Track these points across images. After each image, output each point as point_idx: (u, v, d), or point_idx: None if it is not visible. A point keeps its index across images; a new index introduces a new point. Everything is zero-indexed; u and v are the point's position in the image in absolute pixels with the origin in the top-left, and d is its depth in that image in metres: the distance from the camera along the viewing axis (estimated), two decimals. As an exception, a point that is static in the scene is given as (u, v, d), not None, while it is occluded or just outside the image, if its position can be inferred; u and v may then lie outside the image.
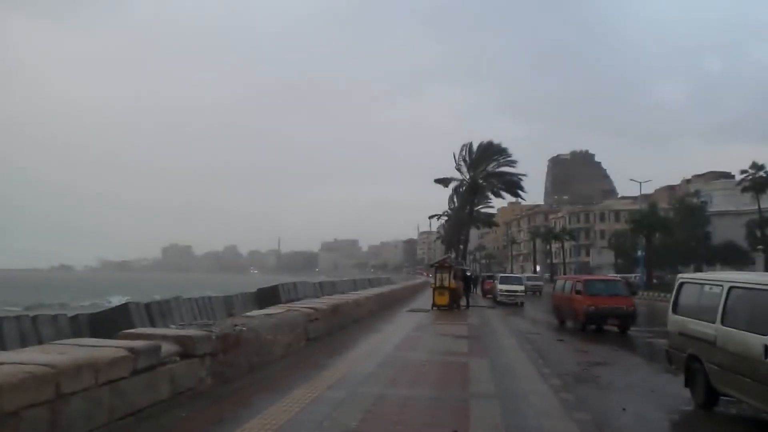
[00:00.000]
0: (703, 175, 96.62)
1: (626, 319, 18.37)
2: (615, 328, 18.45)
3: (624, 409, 8.11)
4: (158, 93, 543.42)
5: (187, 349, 6.58)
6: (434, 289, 24.14)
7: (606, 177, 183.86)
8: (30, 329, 11.44)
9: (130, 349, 5.48)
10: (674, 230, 59.88)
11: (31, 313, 14.18)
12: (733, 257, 60.14)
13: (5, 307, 38.11)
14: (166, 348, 6.22)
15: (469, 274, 35.47)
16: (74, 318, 13.36)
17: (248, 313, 11.12)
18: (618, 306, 18.47)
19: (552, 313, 22.66)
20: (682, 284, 9.35)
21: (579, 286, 19.60)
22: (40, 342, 9.96)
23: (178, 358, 6.39)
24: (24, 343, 10.22)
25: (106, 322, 13.39)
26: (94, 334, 11.61)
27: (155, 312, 15.42)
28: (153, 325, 14.15)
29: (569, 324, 20.04)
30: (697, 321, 8.27)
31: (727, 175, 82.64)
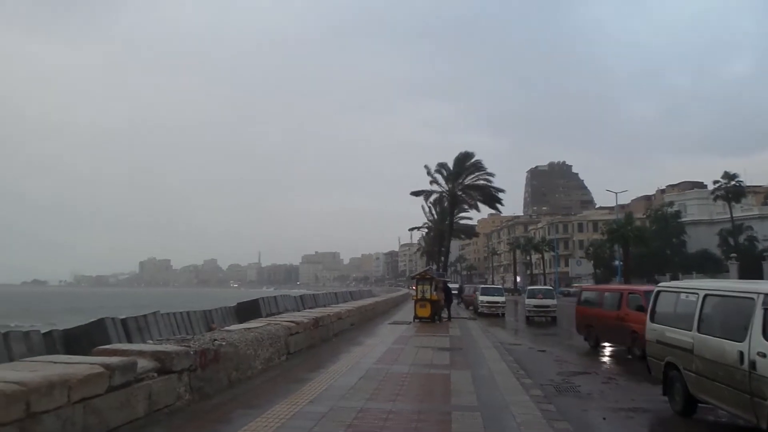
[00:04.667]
0: (677, 185, 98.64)
1: None
2: None
3: (604, 419, 8.18)
4: (137, 110, 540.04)
5: (164, 365, 6.45)
6: (416, 301, 24.13)
7: (584, 188, 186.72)
8: (0, 346, 11.12)
9: (105, 366, 5.36)
10: (648, 240, 60.79)
11: (2, 330, 13.79)
12: (708, 265, 61.31)
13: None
14: (143, 364, 6.09)
15: (455, 285, 35.62)
16: (48, 334, 13.02)
17: (228, 328, 10.96)
18: None
19: (578, 333, 18.47)
20: (658, 293, 9.48)
21: (639, 300, 14.42)
22: (11, 359, 9.67)
23: (155, 374, 6.26)
24: (-6, 360, 9.92)
25: (81, 338, 13.09)
26: (69, 351, 11.35)
27: (132, 327, 15.11)
28: (130, 340, 13.85)
29: (606, 347, 16.93)
30: (674, 329, 8.38)
31: (700, 185, 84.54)
